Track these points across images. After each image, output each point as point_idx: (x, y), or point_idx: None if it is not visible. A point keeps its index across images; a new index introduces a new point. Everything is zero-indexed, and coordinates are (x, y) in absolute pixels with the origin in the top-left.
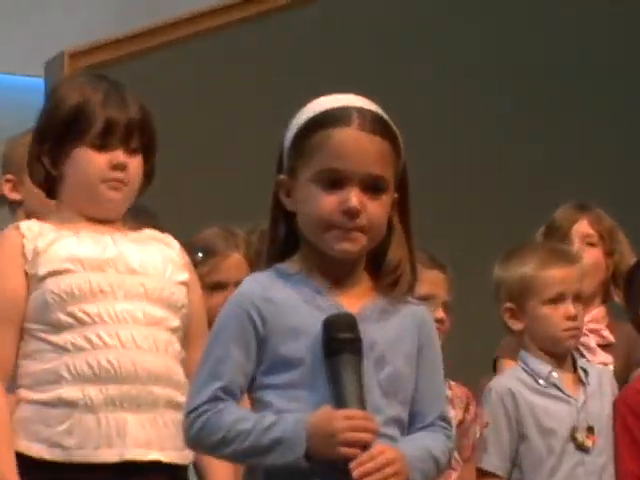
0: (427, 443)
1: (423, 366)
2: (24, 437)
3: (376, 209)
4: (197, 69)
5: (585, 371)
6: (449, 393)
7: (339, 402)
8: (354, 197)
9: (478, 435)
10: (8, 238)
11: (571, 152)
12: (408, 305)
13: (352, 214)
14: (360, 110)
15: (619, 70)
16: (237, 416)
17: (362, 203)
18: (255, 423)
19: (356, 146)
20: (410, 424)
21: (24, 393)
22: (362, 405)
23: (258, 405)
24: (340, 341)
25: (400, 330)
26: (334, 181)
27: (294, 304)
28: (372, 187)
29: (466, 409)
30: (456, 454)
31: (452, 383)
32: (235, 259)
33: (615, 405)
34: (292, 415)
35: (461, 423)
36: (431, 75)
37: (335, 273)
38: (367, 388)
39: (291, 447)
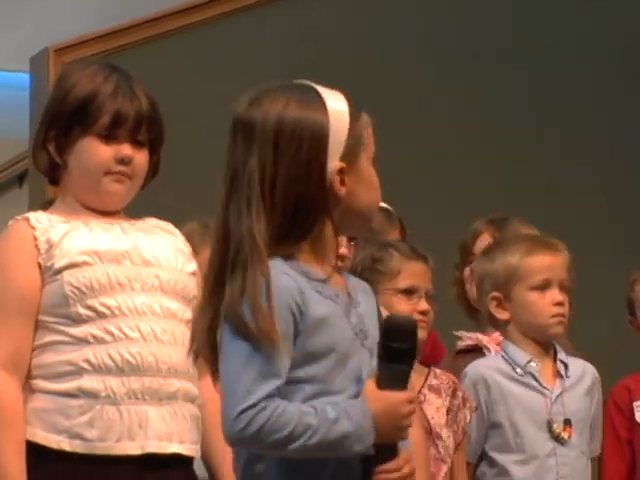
0: None
1: None
2: (41, 428)
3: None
4: (180, 64)
5: (565, 365)
6: (435, 382)
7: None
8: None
9: (468, 420)
10: (18, 231)
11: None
12: (360, 285)
13: None
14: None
15: None
16: (301, 410)
17: None
18: (321, 417)
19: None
20: None
21: (40, 383)
22: None
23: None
24: (402, 351)
25: (367, 310)
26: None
27: (314, 296)
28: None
29: (453, 395)
30: (442, 446)
31: (437, 371)
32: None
33: (606, 403)
34: (351, 405)
35: (449, 410)
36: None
37: (329, 260)
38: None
39: (360, 439)
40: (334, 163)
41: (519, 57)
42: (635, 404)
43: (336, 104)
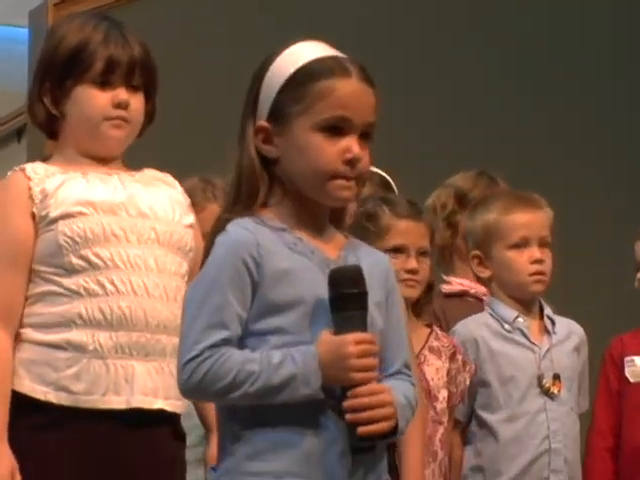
0: (404, 391)
1: (390, 314)
2: (29, 379)
3: (367, 157)
4: (182, 18)
5: (552, 321)
6: (435, 343)
7: None
8: (356, 146)
9: (467, 383)
10: (14, 181)
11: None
12: (372, 253)
13: (354, 163)
14: (352, 61)
15: None
16: (243, 358)
17: (360, 152)
18: (263, 363)
19: (359, 97)
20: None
21: (29, 333)
22: None
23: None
24: (349, 297)
25: (369, 278)
26: (337, 130)
27: (280, 249)
28: (365, 135)
29: (452, 358)
30: (439, 408)
31: (439, 332)
32: (212, 210)
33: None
34: (298, 349)
35: (448, 373)
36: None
37: (313, 222)
38: None
39: (306, 381)
40: (258, 121)
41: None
42: (626, 359)
43: (285, 62)
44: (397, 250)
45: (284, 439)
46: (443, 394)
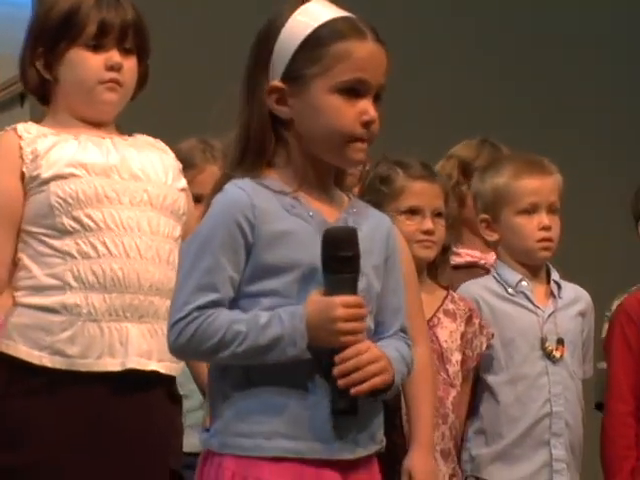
0: (398, 347)
1: (388, 278)
2: (24, 343)
3: (378, 118)
4: None
5: (559, 285)
6: (451, 306)
7: None
8: (372, 109)
9: (485, 347)
10: (5, 140)
11: None
12: (375, 216)
13: (370, 125)
14: (364, 22)
15: None
16: (231, 318)
17: (375, 114)
18: (250, 323)
19: (375, 59)
20: (373, 334)
21: (24, 297)
22: None
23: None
24: (341, 259)
25: (370, 241)
26: (355, 92)
27: (276, 212)
28: (377, 97)
29: (468, 321)
30: (452, 371)
31: (456, 296)
32: (212, 171)
33: (612, 319)
34: (285, 310)
35: (463, 336)
36: None
37: (318, 184)
38: None
39: (293, 342)
40: (270, 82)
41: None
42: None
43: (300, 23)
44: (412, 212)
45: (273, 401)
46: (456, 357)
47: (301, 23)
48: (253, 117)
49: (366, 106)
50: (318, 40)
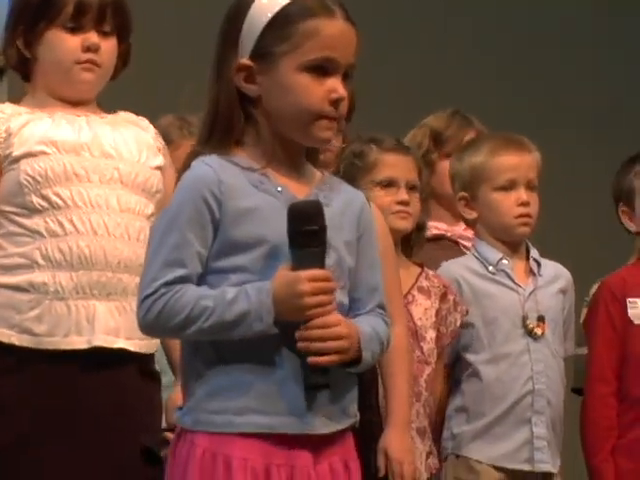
0: (374, 324)
1: (362, 254)
2: None
3: (348, 97)
4: None
5: (538, 263)
6: (425, 283)
7: None
8: (341, 87)
9: (459, 324)
10: None
11: None
12: (348, 192)
13: (338, 103)
14: (334, 1)
15: None
16: (198, 294)
17: (344, 92)
18: (217, 299)
19: (344, 37)
20: (349, 310)
21: None
22: None
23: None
24: (307, 233)
25: (341, 216)
26: (323, 70)
27: (244, 188)
28: (346, 76)
29: (442, 298)
30: (426, 348)
31: (430, 273)
32: (189, 147)
33: (594, 298)
34: (252, 285)
35: (438, 313)
36: None
37: (288, 161)
38: None
39: (259, 317)
40: (238, 60)
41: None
42: (629, 300)
43: (268, 1)
44: (387, 184)
45: (243, 377)
46: (430, 334)
47: (270, 1)
48: (221, 95)
49: (335, 84)
50: (286, 17)
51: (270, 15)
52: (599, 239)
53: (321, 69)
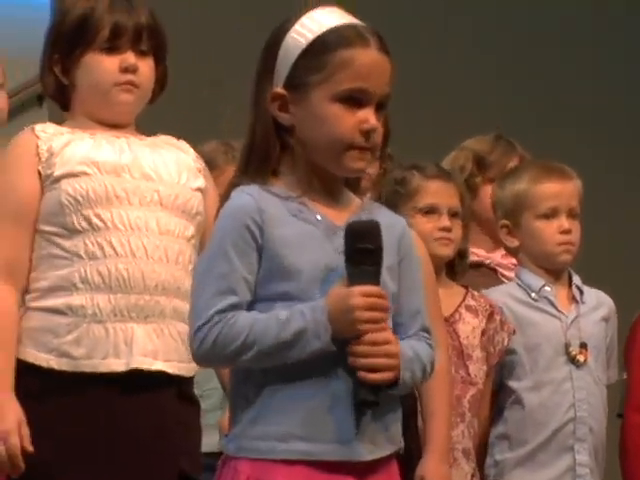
0: (416, 347)
1: (404, 278)
2: (32, 346)
3: (381, 128)
4: None
5: (580, 290)
6: (472, 302)
7: None
8: (373, 118)
9: (506, 343)
10: (23, 139)
11: None
12: (388, 217)
13: (370, 134)
14: (370, 30)
15: None
16: (252, 319)
17: (377, 123)
18: (271, 320)
19: (378, 68)
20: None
21: (34, 299)
22: None
23: None
24: (362, 251)
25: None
26: (356, 101)
27: (283, 217)
28: (380, 106)
29: (489, 318)
30: (472, 368)
31: (475, 293)
32: (233, 172)
33: (633, 325)
34: (305, 305)
35: (484, 332)
36: None
37: (325, 190)
38: None
39: (316, 334)
40: (273, 88)
41: None
42: None
43: (304, 29)
44: (429, 210)
45: (289, 401)
46: (477, 354)
47: (306, 30)
48: (258, 124)
49: (367, 115)
50: (320, 47)
51: (304, 44)
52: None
53: (354, 99)
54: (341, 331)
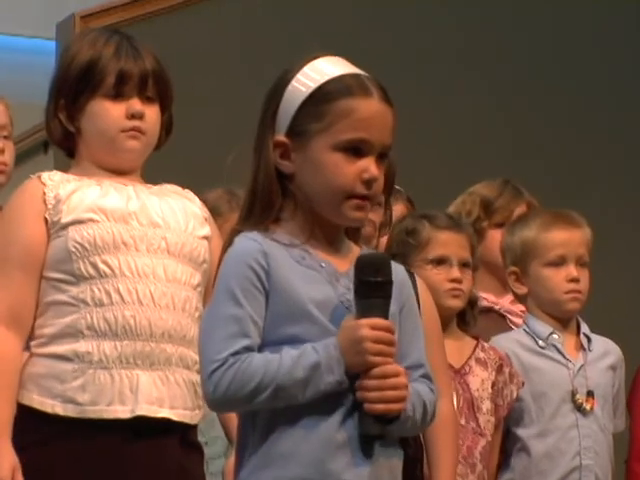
0: (416, 387)
1: (405, 325)
2: (38, 393)
3: (382, 177)
4: (209, 31)
5: (588, 338)
6: (482, 355)
7: None
8: (374, 167)
9: (515, 396)
10: (29, 187)
11: None
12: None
13: (371, 184)
14: (372, 80)
15: None
16: (265, 359)
17: (378, 173)
18: (285, 358)
19: (379, 118)
20: None
21: (38, 345)
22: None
23: None
24: (372, 284)
25: None
26: (356, 151)
27: (287, 262)
28: (381, 156)
29: (498, 370)
30: (482, 420)
31: (485, 345)
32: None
33: (636, 376)
34: (317, 343)
35: (494, 385)
36: None
37: (325, 237)
38: None
39: (330, 369)
40: (275, 135)
41: None
42: None
43: (307, 78)
44: (439, 261)
45: (294, 444)
46: (487, 406)
47: (308, 78)
48: (260, 171)
49: (367, 164)
50: (322, 96)
51: (306, 92)
52: None
53: (355, 149)
54: (352, 363)
